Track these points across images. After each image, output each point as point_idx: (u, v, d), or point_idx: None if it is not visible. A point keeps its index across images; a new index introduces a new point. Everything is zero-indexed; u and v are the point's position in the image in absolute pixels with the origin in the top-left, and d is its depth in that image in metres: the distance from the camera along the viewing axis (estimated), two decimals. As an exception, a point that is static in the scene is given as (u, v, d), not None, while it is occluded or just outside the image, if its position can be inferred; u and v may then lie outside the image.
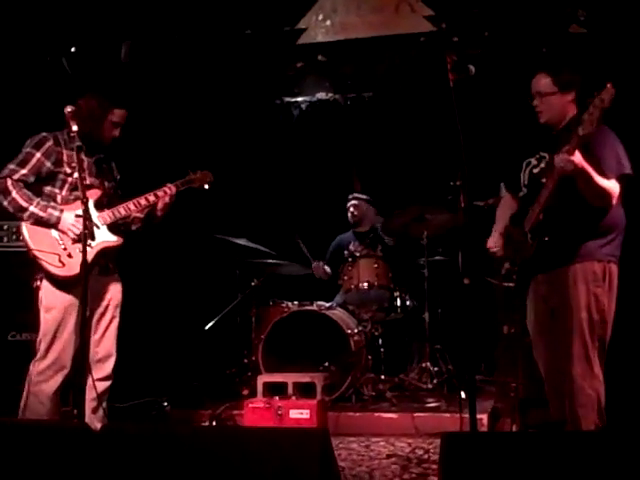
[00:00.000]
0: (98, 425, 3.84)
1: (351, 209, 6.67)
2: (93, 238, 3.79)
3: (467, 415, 3.21)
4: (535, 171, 3.89)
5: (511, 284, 3.92)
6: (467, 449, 2.44)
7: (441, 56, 3.52)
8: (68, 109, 3.80)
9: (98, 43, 6.33)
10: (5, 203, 3.93)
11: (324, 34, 6.60)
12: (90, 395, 3.91)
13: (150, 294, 6.55)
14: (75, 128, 3.75)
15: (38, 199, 3.97)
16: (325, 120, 7.13)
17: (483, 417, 4.79)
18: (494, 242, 4.02)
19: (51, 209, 3.96)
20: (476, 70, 3.48)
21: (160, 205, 4.27)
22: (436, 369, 5.83)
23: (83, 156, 4.04)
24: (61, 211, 3.97)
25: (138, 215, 4.31)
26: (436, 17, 6.25)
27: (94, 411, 4.01)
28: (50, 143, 4.03)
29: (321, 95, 7.14)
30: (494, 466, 2.38)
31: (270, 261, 6.18)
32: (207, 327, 6.02)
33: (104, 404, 4.09)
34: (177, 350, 6.41)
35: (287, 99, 7.20)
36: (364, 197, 6.66)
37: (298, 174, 7.19)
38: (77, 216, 3.91)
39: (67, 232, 3.95)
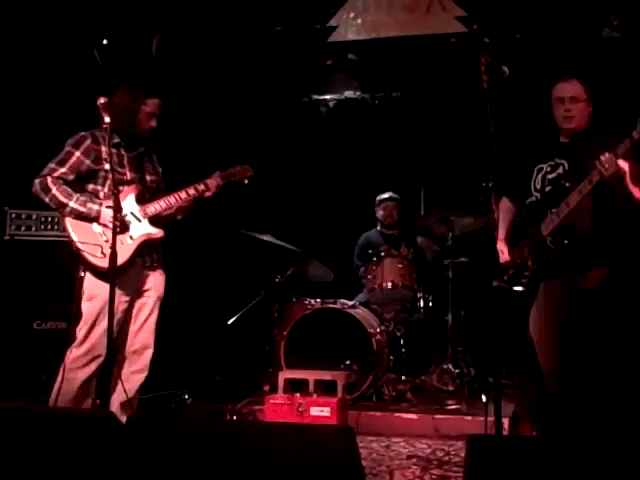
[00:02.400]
0: (123, 418, 3.87)
1: (384, 212, 6.64)
2: (126, 230, 3.82)
3: (491, 418, 3.20)
4: (550, 177, 3.88)
5: (519, 288, 3.90)
6: (492, 452, 2.42)
7: (474, 57, 3.50)
8: (101, 100, 3.82)
9: (130, 36, 6.36)
10: (47, 200, 4.02)
11: (354, 33, 6.59)
12: (121, 387, 3.98)
13: (175, 288, 6.56)
14: (107, 120, 3.77)
15: (78, 195, 4.04)
16: (353, 119, 7.12)
17: (504, 421, 4.75)
18: (500, 251, 3.99)
19: (90, 203, 4.03)
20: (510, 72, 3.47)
21: (208, 195, 4.36)
22: (457, 371, 5.80)
23: (123, 151, 4.16)
24: (100, 205, 4.03)
25: (182, 205, 4.35)
26: (468, 18, 6.22)
27: (123, 404, 4.06)
28: (89, 142, 4.09)
29: (349, 94, 7.13)
30: (519, 470, 2.37)
31: (295, 256, 6.16)
32: (230, 322, 6.03)
33: (136, 396, 4.16)
34: (200, 344, 6.44)
35: (315, 97, 7.19)
36: (396, 197, 6.63)
37: (325, 172, 7.18)
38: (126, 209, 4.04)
39: (108, 225, 3.97)
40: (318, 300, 5.95)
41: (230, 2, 6.60)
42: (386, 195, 6.66)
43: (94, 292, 4.01)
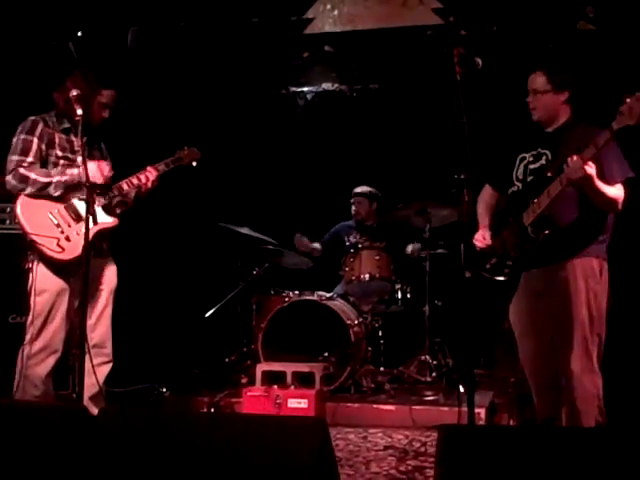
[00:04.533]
0: (95, 411, 3.84)
1: (354, 206, 6.65)
2: (96, 222, 3.79)
3: (465, 408, 3.22)
4: (532, 167, 3.90)
5: (500, 277, 3.92)
6: (464, 442, 2.44)
7: (448, 49, 3.50)
8: (73, 93, 3.79)
9: (105, 28, 6.32)
10: (29, 189, 3.93)
11: (331, 24, 6.58)
12: (88, 380, 3.87)
13: (152, 280, 6.57)
14: (80, 112, 3.73)
15: (51, 168, 3.98)
16: (330, 111, 7.12)
17: (481, 411, 4.80)
18: (482, 236, 4.01)
19: (69, 169, 3.98)
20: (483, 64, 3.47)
21: (150, 185, 4.26)
22: (435, 362, 5.83)
23: (73, 137, 4.05)
24: (78, 167, 3.95)
25: (132, 193, 4.29)
26: (444, 10, 6.23)
27: (93, 397, 4.00)
28: (42, 125, 4.02)
29: (327, 86, 7.13)
30: (491, 459, 2.38)
31: (273, 248, 6.17)
32: (207, 315, 6.03)
33: (103, 388, 4.09)
34: (177, 337, 6.43)
35: (293, 89, 7.19)
36: (368, 192, 6.62)
37: (302, 164, 7.18)
38: (80, 199, 3.94)
39: (97, 180, 3.93)
40: (296, 292, 5.95)
41: (206, -7, 6.58)
42: (359, 189, 6.65)
43: (44, 286, 3.96)
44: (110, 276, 4.24)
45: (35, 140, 3.98)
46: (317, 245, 6.60)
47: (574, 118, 3.88)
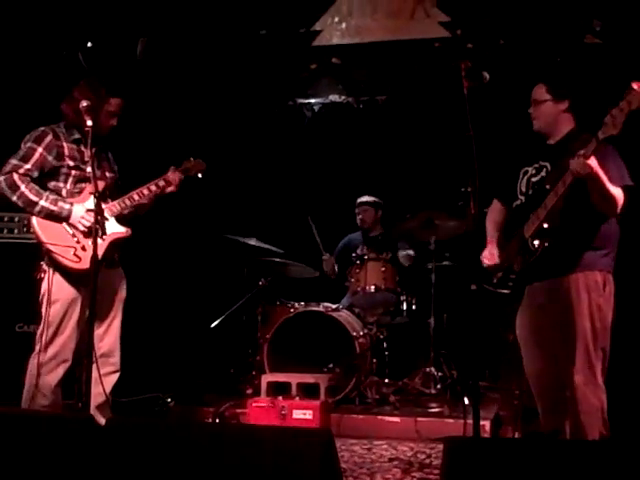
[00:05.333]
0: (102, 420, 3.85)
1: (360, 216, 6.68)
2: (105, 232, 3.80)
3: (470, 421, 3.22)
4: (534, 180, 3.92)
5: (505, 291, 3.93)
6: (470, 454, 2.44)
7: (455, 62, 3.52)
8: (84, 104, 3.81)
9: (114, 39, 6.36)
10: (14, 198, 3.90)
11: (339, 37, 6.62)
12: (95, 390, 3.87)
13: (159, 291, 6.58)
14: (90, 123, 3.75)
15: (47, 193, 3.95)
16: (337, 123, 7.14)
17: (486, 424, 4.80)
18: (489, 253, 4.01)
19: (62, 202, 3.95)
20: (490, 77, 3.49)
21: (171, 189, 4.30)
22: (440, 374, 5.82)
23: (83, 148, 4.05)
24: (71, 204, 3.96)
25: (143, 203, 4.30)
26: (451, 23, 6.26)
27: (99, 406, 4.01)
28: (50, 137, 4.00)
29: (334, 97, 7.15)
30: (496, 472, 2.38)
31: (279, 260, 6.18)
32: (213, 325, 6.04)
33: (109, 398, 4.09)
34: (183, 347, 6.43)
35: (300, 101, 7.21)
36: (372, 201, 6.66)
37: (309, 176, 7.20)
38: (88, 210, 3.92)
39: (77, 225, 3.94)
40: (302, 303, 5.96)
41: (215, 5, 6.61)
42: (363, 199, 6.70)
43: (58, 295, 3.96)
44: (120, 287, 4.25)
45: (39, 150, 3.96)
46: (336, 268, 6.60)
47: (578, 129, 3.89)
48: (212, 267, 6.97)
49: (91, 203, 3.94)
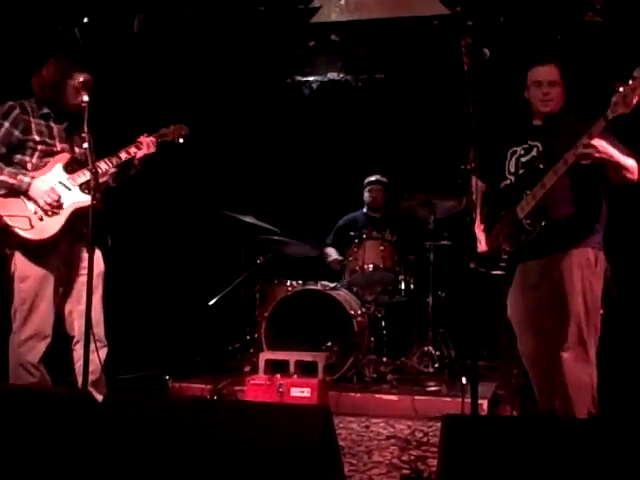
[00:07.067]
0: (99, 397, 3.84)
1: (372, 194, 6.67)
2: (60, 207, 3.75)
3: (468, 400, 3.22)
4: (524, 160, 3.90)
5: (498, 272, 3.92)
6: (467, 431, 2.44)
7: (455, 39, 3.49)
8: (80, 79, 3.79)
9: (111, 15, 6.30)
10: None
11: (338, 13, 6.55)
12: (91, 367, 3.81)
13: (157, 268, 6.58)
14: (86, 98, 3.71)
15: (8, 168, 3.87)
16: (335, 100, 7.11)
17: (483, 402, 4.82)
18: (478, 237, 3.99)
19: (21, 175, 3.87)
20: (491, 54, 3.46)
21: (138, 159, 4.21)
22: (438, 353, 5.84)
23: (52, 123, 4.01)
24: (32, 178, 3.88)
25: (116, 171, 4.21)
26: (451, 0, 6.21)
27: (94, 382, 3.97)
28: (17, 111, 3.94)
29: (332, 75, 7.12)
30: (494, 449, 2.38)
31: (277, 238, 6.16)
32: (211, 303, 6.03)
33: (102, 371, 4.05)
34: (181, 325, 6.44)
35: (298, 78, 7.18)
36: (384, 180, 6.65)
37: (306, 153, 7.17)
38: (53, 188, 3.89)
39: (37, 200, 3.86)
40: (300, 282, 5.96)
41: (213, -19, 6.56)
42: (373, 178, 6.68)
43: (27, 272, 3.89)
44: (96, 261, 3.99)
45: (6, 124, 3.89)
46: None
47: (566, 109, 3.88)
48: (210, 245, 6.96)
49: (52, 175, 3.91)
